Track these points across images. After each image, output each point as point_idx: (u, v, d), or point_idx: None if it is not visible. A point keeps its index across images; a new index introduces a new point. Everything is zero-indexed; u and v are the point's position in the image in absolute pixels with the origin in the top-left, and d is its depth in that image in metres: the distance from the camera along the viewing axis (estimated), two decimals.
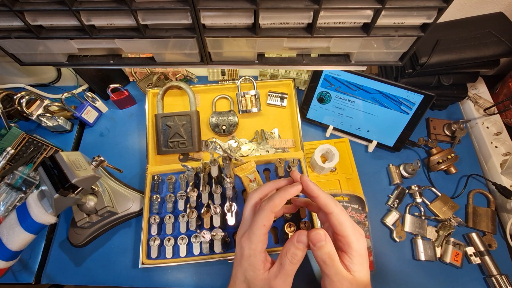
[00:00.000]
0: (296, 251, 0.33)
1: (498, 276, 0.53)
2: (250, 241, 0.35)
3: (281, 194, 0.36)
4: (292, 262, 0.33)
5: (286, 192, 0.36)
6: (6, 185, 0.59)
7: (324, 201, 0.35)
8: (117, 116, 0.74)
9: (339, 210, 0.34)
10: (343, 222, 0.33)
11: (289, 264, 0.33)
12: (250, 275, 0.34)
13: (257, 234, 0.35)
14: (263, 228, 0.35)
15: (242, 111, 0.68)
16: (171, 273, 0.56)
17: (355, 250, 0.33)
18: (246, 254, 0.35)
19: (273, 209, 0.35)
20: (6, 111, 0.65)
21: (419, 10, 0.29)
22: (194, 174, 0.58)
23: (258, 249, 0.35)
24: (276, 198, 0.36)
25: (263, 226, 0.35)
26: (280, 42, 0.34)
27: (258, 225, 0.35)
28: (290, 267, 0.33)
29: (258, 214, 0.36)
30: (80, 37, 0.33)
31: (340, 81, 0.62)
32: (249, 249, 0.35)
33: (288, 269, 0.33)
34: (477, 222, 0.59)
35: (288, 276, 0.33)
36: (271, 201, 0.35)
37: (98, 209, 0.54)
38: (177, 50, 0.36)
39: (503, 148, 0.65)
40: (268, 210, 0.35)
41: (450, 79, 0.63)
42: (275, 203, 0.35)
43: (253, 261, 0.35)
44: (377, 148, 0.67)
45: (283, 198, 0.36)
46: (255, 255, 0.35)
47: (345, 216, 0.34)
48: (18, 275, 0.57)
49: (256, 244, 0.35)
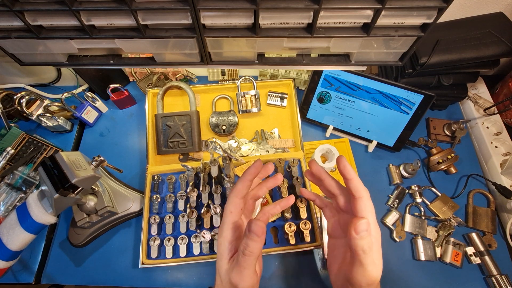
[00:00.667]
0: (248, 241, 0.30)
1: (498, 276, 0.53)
2: (221, 229, 0.35)
3: (241, 177, 0.37)
4: (244, 254, 0.31)
5: (245, 173, 0.37)
6: (6, 185, 0.59)
7: (356, 185, 0.34)
8: (117, 116, 0.74)
9: (368, 197, 0.34)
10: (369, 210, 0.33)
11: (241, 256, 0.31)
12: (218, 264, 0.35)
13: (225, 222, 0.35)
14: (230, 215, 0.35)
15: (242, 111, 0.68)
16: (171, 273, 0.56)
17: (375, 237, 0.33)
18: (218, 242, 0.36)
19: (237, 194, 0.36)
20: (6, 111, 0.65)
21: (419, 10, 0.29)
22: (194, 174, 0.58)
23: (227, 238, 0.35)
24: (238, 182, 0.37)
25: (230, 213, 0.35)
26: (280, 42, 0.34)
27: (226, 212, 0.35)
28: (242, 259, 0.31)
29: (226, 203, 0.37)
30: (80, 37, 0.33)
31: (340, 81, 0.62)
32: (219, 238, 0.35)
33: (240, 261, 0.31)
34: (477, 222, 0.59)
35: (243, 269, 0.31)
36: (234, 187, 0.36)
37: (98, 209, 0.54)
38: (177, 50, 0.36)
39: (503, 148, 0.65)
40: (232, 196, 0.36)
41: (450, 79, 0.63)
42: (237, 188, 0.36)
43: (220, 251, 0.35)
44: (377, 148, 0.67)
45: (244, 180, 0.36)
46: (223, 243, 0.35)
47: (371, 205, 0.34)
48: (18, 275, 0.57)
49: (225, 232, 0.35)
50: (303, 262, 0.56)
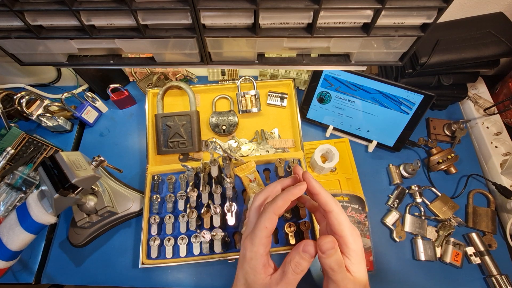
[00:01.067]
0: (301, 260, 0.32)
1: (498, 276, 0.53)
2: (252, 243, 0.34)
3: (284, 195, 0.35)
4: (296, 272, 0.32)
5: (289, 193, 0.36)
6: (6, 185, 0.59)
7: (324, 200, 0.34)
8: (117, 116, 0.74)
9: (339, 209, 0.34)
10: (342, 222, 0.33)
11: (292, 273, 0.32)
12: (251, 278, 0.34)
13: (259, 237, 0.34)
14: (265, 231, 0.34)
15: (242, 111, 0.68)
16: (171, 273, 0.56)
17: (353, 250, 0.33)
18: (248, 256, 0.34)
19: (276, 211, 0.35)
20: (6, 111, 0.65)
21: (419, 10, 0.29)
22: (194, 174, 0.58)
23: (260, 252, 0.34)
24: (279, 200, 0.35)
25: (265, 228, 0.34)
26: (280, 42, 0.34)
27: (260, 227, 0.34)
28: (292, 276, 0.32)
29: (261, 216, 0.35)
30: (80, 37, 0.33)
31: (340, 81, 0.62)
32: (251, 252, 0.34)
33: (290, 278, 0.32)
34: (477, 222, 0.59)
35: (289, 285, 0.32)
36: (274, 203, 0.35)
37: (98, 209, 0.54)
38: (177, 50, 0.36)
39: (503, 148, 0.65)
40: (271, 212, 0.35)
41: (450, 79, 0.63)
42: (278, 205, 0.35)
43: (254, 264, 0.34)
44: (377, 148, 0.67)
45: (286, 200, 0.35)
46: (256, 258, 0.34)
47: (344, 216, 0.34)
48: (18, 275, 0.57)
49: (258, 247, 0.34)
50: None
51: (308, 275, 0.55)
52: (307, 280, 0.55)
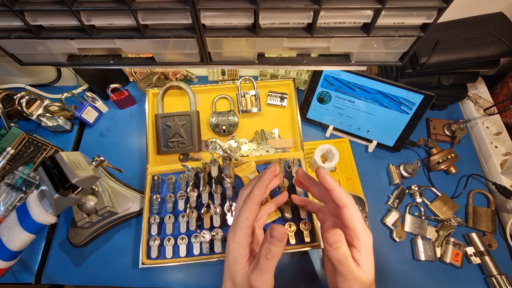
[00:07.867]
0: (270, 246, 0.32)
1: (498, 276, 0.53)
2: (234, 235, 0.35)
3: (258, 183, 0.36)
4: (267, 258, 0.32)
5: (261, 179, 0.37)
6: (6, 185, 0.59)
7: (338, 194, 0.35)
8: (117, 116, 0.74)
9: (352, 204, 0.35)
10: (355, 217, 0.34)
11: (263, 260, 0.32)
12: (233, 268, 0.35)
13: (240, 228, 0.35)
14: (246, 221, 0.35)
15: (242, 111, 0.68)
16: (171, 273, 0.56)
17: (364, 244, 0.33)
18: (231, 247, 0.35)
19: (254, 200, 0.35)
20: (6, 111, 0.65)
21: (419, 10, 0.29)
22: (194, 174, 0.58)
23: (242, 242, 0.35)
24: (255, 188, 0.36)
25: (246, 219, 0.35)
26: (280, 42, 0.34)
27: (241, 219, 0.35)
28: (264, 263, 0.32)
29: (241, 208, 0.36)
30: (80, 37, 0.33)
31: (340, 81, 0.62)
32: (233, 242, 0.35)
33: (262, 264, 0.32)
34: (477, 222, 0.59)
35: (264, 272, 0.32)
36: (251, 193, 0.36)
37: (98, 209, 0.54)
38: (177, 50, 0.36)
39: (503, 148, 0.65)
40: (250, 202, 0.36)
41: (450, 79, 0.63)
42: (255, 194, 0.36)
43: (235, 255, 0.35)
44: (377, 148, 0.67)
45: (261, 186, 0.36)
46: (239, 248, 0.35)
47: (357, 211, 0.34)
48: (18, 275, 0.57)
49: (239, 237, 0.35)
50: (303, 262, 0.56)
51: (308, 275, 0.55)
52: (307, 279, 0.55)
